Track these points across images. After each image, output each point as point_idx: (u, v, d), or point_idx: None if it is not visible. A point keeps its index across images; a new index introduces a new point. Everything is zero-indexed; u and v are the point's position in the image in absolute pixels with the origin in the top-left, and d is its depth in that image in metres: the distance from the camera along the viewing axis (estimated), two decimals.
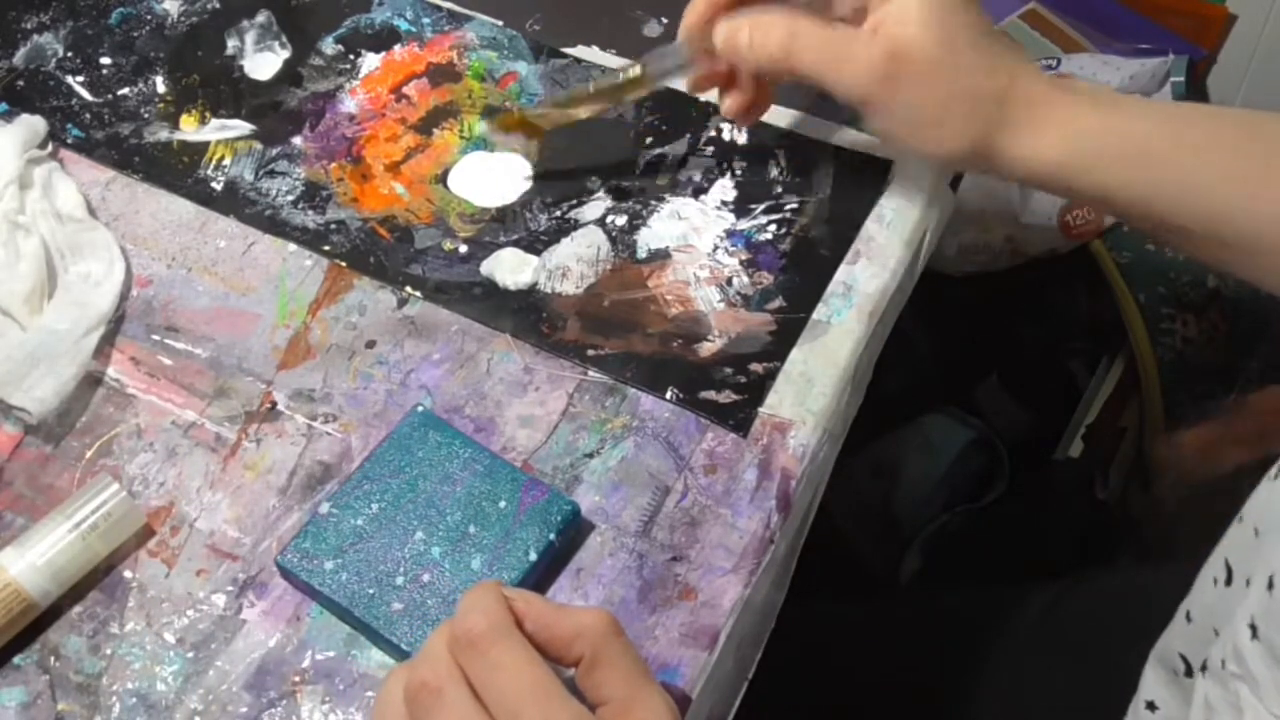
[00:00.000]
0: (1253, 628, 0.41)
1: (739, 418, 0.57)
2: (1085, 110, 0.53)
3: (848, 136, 0.66)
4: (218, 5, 0.73)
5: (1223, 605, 0.46)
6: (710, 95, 0.67)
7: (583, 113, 0.64)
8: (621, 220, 0.64)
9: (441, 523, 0.52)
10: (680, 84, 0.62)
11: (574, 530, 0.53)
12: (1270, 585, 0.40)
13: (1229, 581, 0.46)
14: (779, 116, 0.67)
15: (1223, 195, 0.52)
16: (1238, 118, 0.55)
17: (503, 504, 0.52)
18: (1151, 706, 0.52)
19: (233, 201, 0.65)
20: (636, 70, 0.61)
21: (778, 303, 0.60)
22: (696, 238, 0.63)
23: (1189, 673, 0.49)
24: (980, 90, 0.52)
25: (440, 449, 0.54)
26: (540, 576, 0.52)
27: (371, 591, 0.51)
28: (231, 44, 0.71)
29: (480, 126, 0.66)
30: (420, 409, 0.55)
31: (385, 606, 0.50)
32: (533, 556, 0.51)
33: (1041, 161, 0.53)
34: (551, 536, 0.52)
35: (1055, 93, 0.53)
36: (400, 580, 0.51)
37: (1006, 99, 0.52)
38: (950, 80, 0.51)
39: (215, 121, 0.68)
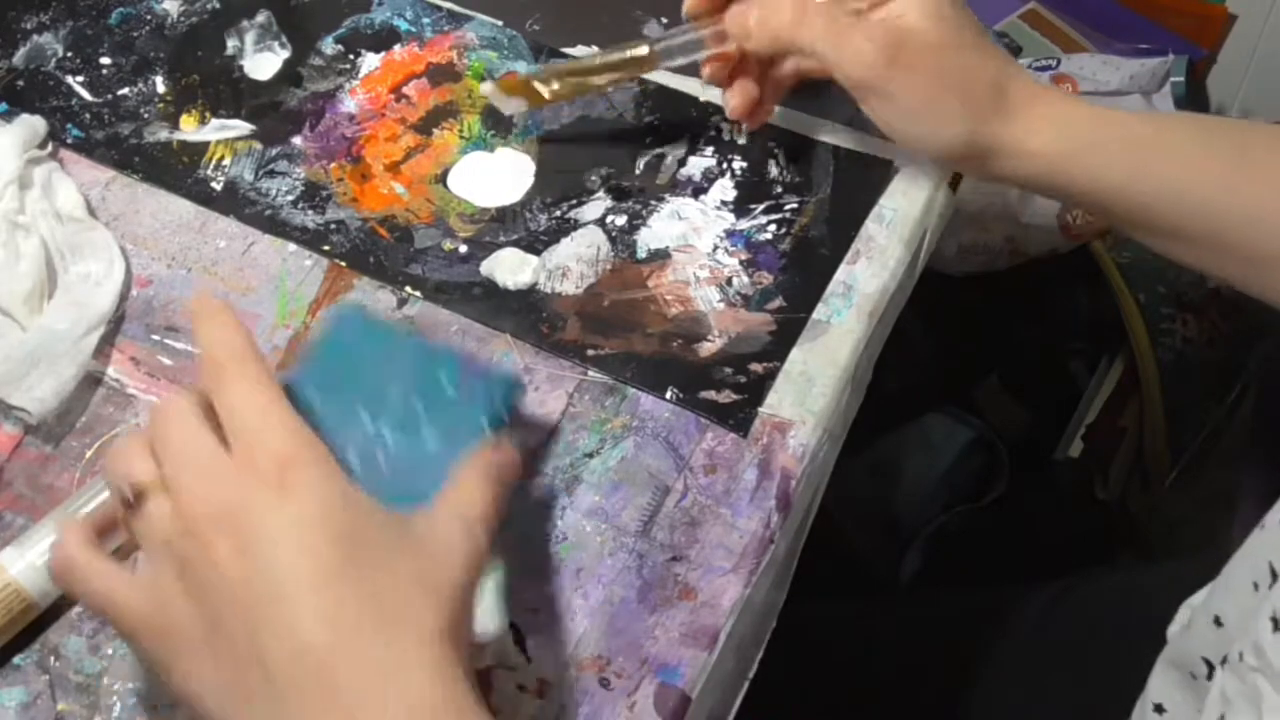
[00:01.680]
0: (1274, 620, 0.40)
1: (739, 418, 0.57)
2: (1078, 104, 0.55)
3: (848, 136, 0.66)
4: (218, 5, 0.73)
5: (1263, 608, 0.46)
6: (714, 95, 0.67)
7: (590, 83, 0.63)
8: (621, 220, 0.64)
9: (388, 408, 0.51)
10: (683, 83, 0.63)
11: (518, 398, 0.54)
12: None
13: (1272, 584, 0.46)
14: (779, 116, 0.67)
15: (1211, 193, 0.53)
16: (1226, 124, 0.56)
17: (445, 382, 0.52)
18: (1160, 709, 0.52)
19: (233, 201, 0.65)
20: (644, 49, 0.61)
21: (778, 302, 0.60)
22: (696, 238, 0.63)
23: (1210, 676, 0.49)
24: (977, 81, 0.53)
25: (374, 342, 0.53)
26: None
27: None
28: (231, 44, 0.71)
29: (484, 87, 0.66)
30: (349, 304, 0.57)
31: None
32: (485, 426, 0.50)
33: (1036, 153, 0.54)
34: (500, 407, 0.51)
35: (1048, 90, 0.55)
36: (356, 464, 0.49)
37: (1002, 91, 0.54)
38: (949, 70, 0.53)
39: (215, 121, 0.68)
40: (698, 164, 0.66)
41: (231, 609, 0.39)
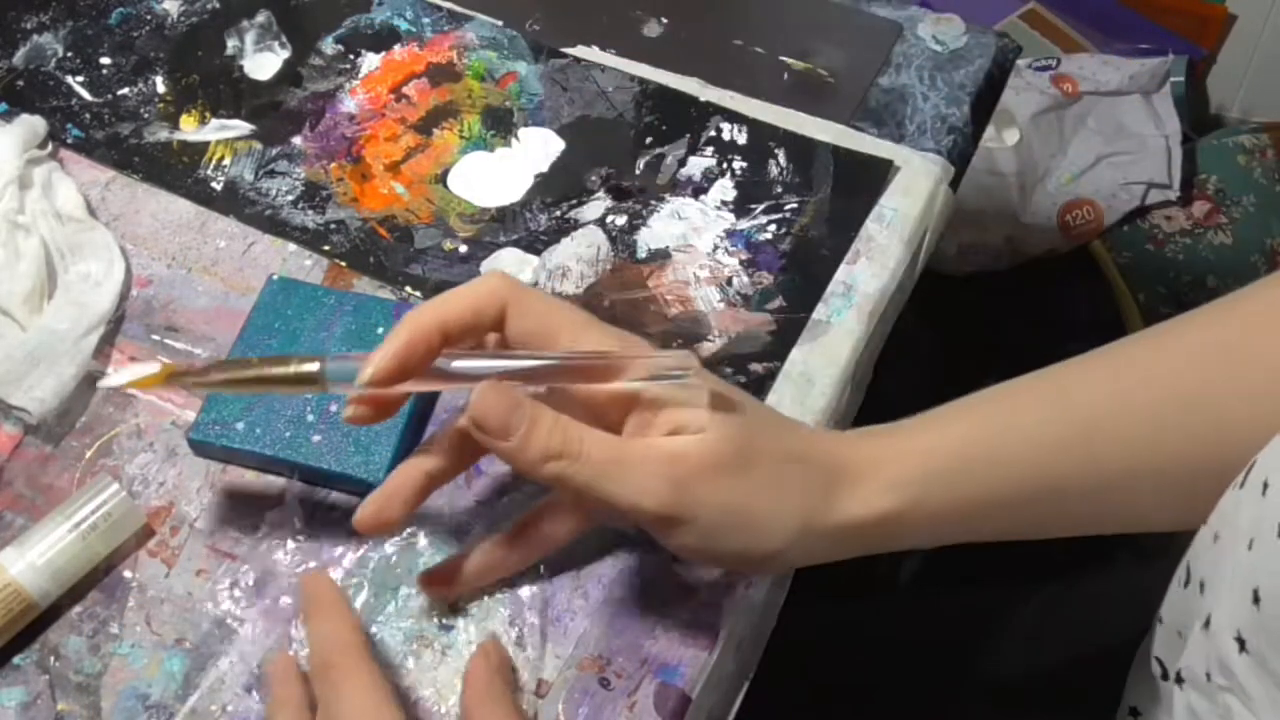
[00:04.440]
0: (1240, 641, 0.40)
1: None
2: (892, 446, 0.48)
3: (848, 136, 0.66)
4: (218, 5, 0.73)
5: (1184, 608, 0.46)
6: (714, 95, 0.67)
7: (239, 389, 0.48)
8: (621, 220, 0.64)
9: None
10: (683, 83, 0.61)
11: None
12: (1256, 599, 0.39)
13: (1186, 584, 0.47)
14: (779, 116, 0.67)
15: (1048, 469, 0.48)
16: (1039, 391, 0.51)
17: (381, 330, 0.56)
18: (1134, 712, 0.52)
19: (233, 201, 0.65)
20: (313, 367, 0.45)
21: (778, 303, 0.60)
22: (696, 238, 0.63)
23: (1165, 676, 0.49)
24: (784, 476, 0.45)
25: (306, 302, 0.58)
26: None
27: (288, 434, 0.54)
28: (231, 44, 0.71)
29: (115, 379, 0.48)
30: (275, 277, 0.59)
31: (306, 443, 0.54)
32: None
33: (877, 507, 0.47)
34: None
35: (854, 448, 0.48)
36: (311, 418, 0.55)
37: (824, 468, 0.46)
38: (747, 478, 0.45)
39: (215, 121, 0.68)
40: (698, 164, 0.66)
41: None
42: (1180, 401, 0.47)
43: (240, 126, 0.68)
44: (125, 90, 0.69)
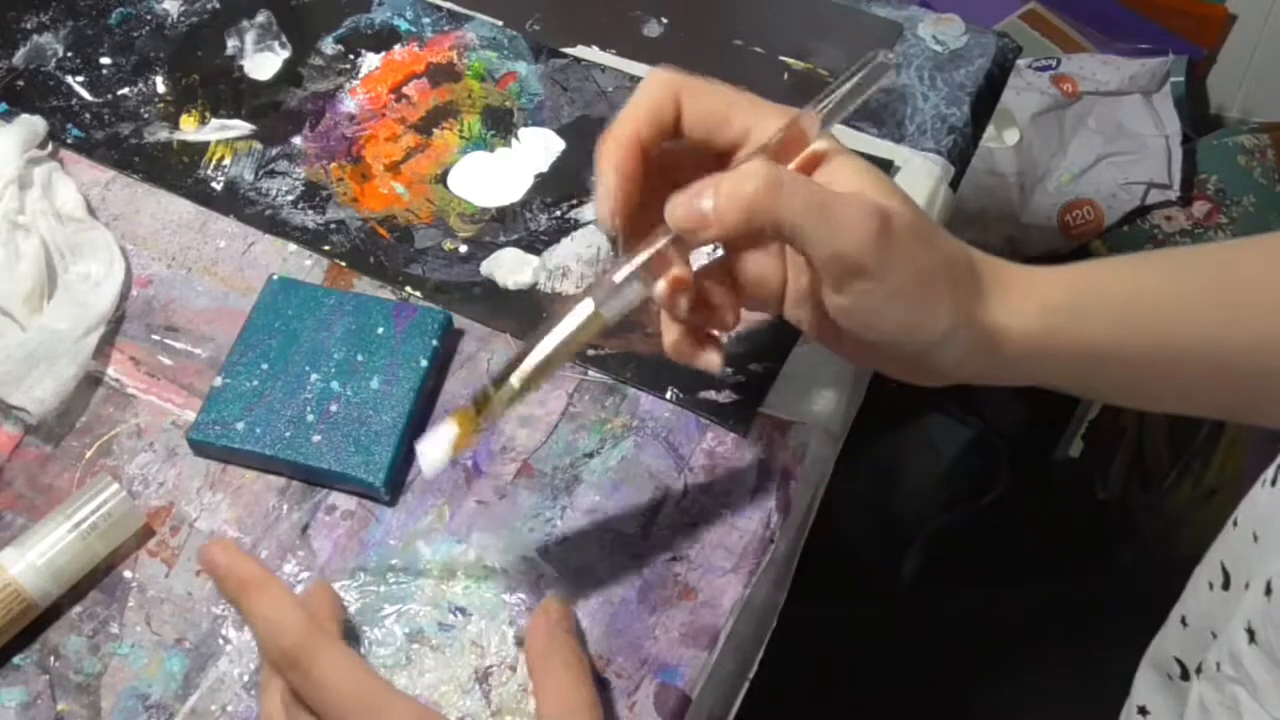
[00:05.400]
0: (1250, 632, 0.40)
1: (739, 418, 0.57)
2: (1049, 276, 0.49)
3: (848, 137, 0.66)
4: (218, 5, 0.73)
5: (1222, 610, 0.46)
6: None
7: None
8: None
9: (331, 361, 0.56)
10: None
11: (450, 335, 0.58)
12: (1268, 590, 0.40)
13: (1226, 585, 0.46)
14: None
15: (1206, 329, 0.49)
16: (1201, 250, 0.52)
17: (381, 330, 0.57)
18: (1144, 711, 0.52)
19: (233, 201, 0.65)
20: (589, 307, 0.45)
21: None
22: None
23: (1185, 676, 0.49)
24: (957, 264, 0.47)
25: (307, 302, 0.58)
26: (434, 383, 0.57)
27: (289, 434, 0.54)
28: (231, 44, 0.71)
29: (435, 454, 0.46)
30: (275, 277, 0.59)
31: (306, 443, 0.54)
32: (424, 364, 0.56)
33: (1018, 338, 0.48)
34: (434, 343, 0.57)
35: (1017, 269, 0.49)
36: (311, 418, 0.55)
37: (978, 276, 0.48)
38: (934, 250, 0.46)
39: (215, 121, 0.68)
40: None
41: None
42: None
43: (240, 126, 0.68)
44: (125, 90, 0.69)
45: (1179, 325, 0.48)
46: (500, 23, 0.72)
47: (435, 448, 0.45)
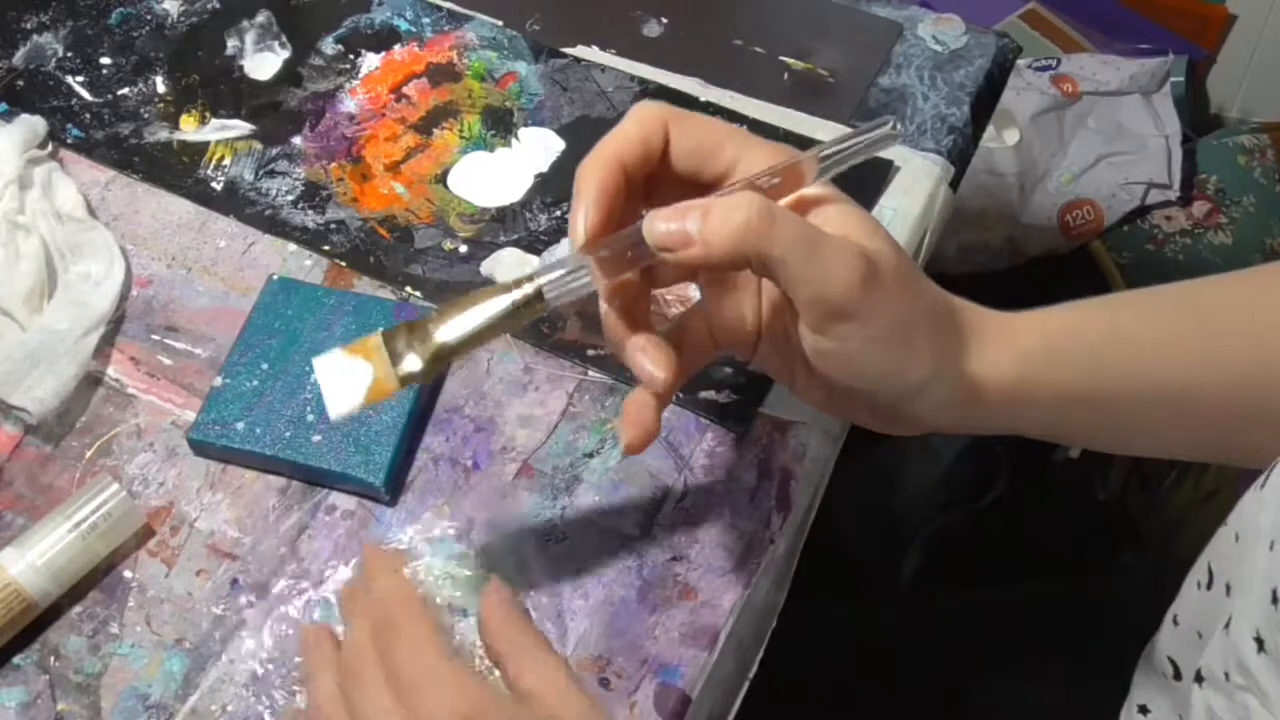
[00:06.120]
0: (1259, 641, 0.40)
1: (739, 418, 0.57)
2: (1025, 322, 0.49)
3: None
4: (218, 5, 0.73)
5: (1205, 609, 0.46)
6: (714, 94, 0.67)
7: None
8: None
9: None
10: (683, 83, 0.60)
11: None
12: (1275, 599, 0.40)
13: (1210, 586, 0.46)
14: (779, 116, 0.67)
15: (1179, 371, 0.48)
16: (1171, 290, 0.51)
17: (382, 328, 0.54)
18: (1144, 710, 0.52)
19: (233, 201, 0.65)
20: (529, 289, 0.43)
21: None
22: None
23: (1178, 676, 0.49)
24: (938, 310, 0.47)
25: (307, 302, 0.58)
26: (434, 383, 0.57)
27: (289, 434, 0.54)
28: (231, 44, 0.71)
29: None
30: (275, 277, 0.59)
31: (306, 443, 0.54)
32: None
33: (994, 387, 0.48)
34: None
35: (994, 316, 0.49)
36: (311, 418, 0.55)
37: (957, 325, 0.48)
38: (916, 298, 0.45)
39: (215, 121, 0.68)
40: None
41: None
42: None
43: (240, 126, 0.68)
44: (125, 90, 0.69)
45: (1153, 367, 0.48)
46: (500, 23, 0.72)
47: (346, 394, 0.43)
